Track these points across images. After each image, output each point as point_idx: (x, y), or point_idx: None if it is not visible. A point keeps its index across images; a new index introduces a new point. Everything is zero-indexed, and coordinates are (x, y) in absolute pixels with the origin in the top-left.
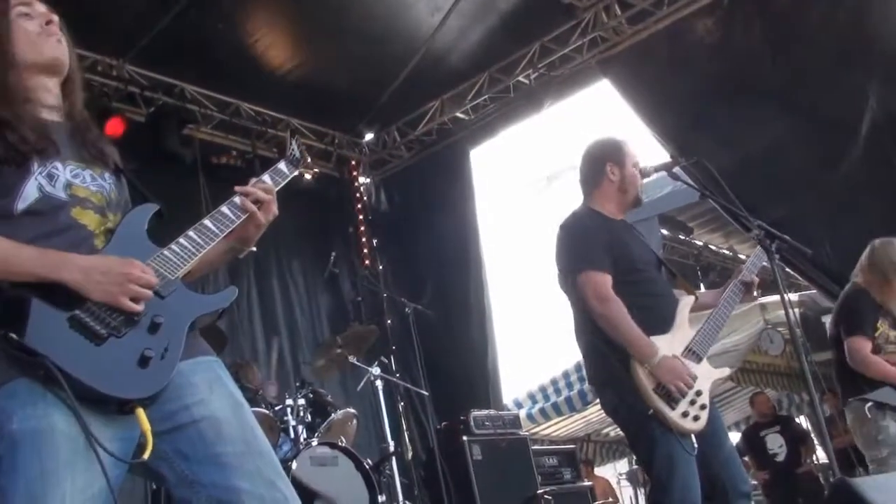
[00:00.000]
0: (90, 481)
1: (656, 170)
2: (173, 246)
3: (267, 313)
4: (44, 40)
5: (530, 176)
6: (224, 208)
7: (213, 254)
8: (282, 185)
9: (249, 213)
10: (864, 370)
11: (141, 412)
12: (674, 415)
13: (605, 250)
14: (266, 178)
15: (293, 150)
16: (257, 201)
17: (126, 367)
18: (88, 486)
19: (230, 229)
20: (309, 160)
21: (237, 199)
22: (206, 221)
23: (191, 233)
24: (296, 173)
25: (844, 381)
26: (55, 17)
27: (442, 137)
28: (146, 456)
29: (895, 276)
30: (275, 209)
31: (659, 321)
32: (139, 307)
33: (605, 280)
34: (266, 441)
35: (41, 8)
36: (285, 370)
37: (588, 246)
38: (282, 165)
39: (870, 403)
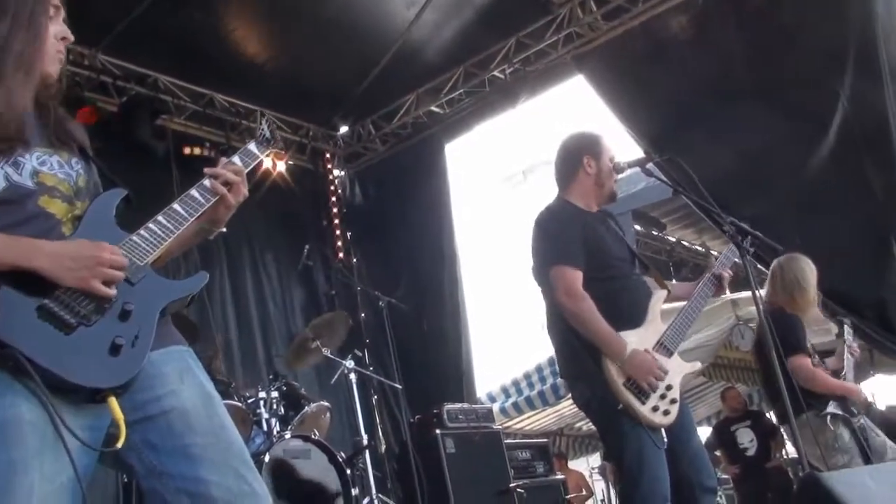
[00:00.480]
0: (58, 471)
1: (630, 165)
2: (142, 231)
3: (240, 306)
4: (55, 61)
5: (506, 170)
6: (194, 191)
7: (183, 235)
8: (252, 165)
9: (220, 196)
10: (811, 386)
11: (113, 401)
12: (644, 409)
13: (579, 245)
14: (236, 159)
15: (263, 130)
16: (227, 183)
17: (97, 356)
18: (57, 476)
19: (200, 213)
20: (279, 141)
21: (207, 182)
22: (176, 206)
23: (160, 217)
24: (267, 154)
25: (784, 399)
26: (70, 36)
27: (417, 131)
28: (120, 444)
29: (798, 292)
30: (245, 190)
31: (632, 315)
32: (112, 291)
33: (577, 276)
34: (236, 433)
35: (62, 14)
36: (258, 363)
37: (562, 240)
38: (252, 146)
39: (829, 415)
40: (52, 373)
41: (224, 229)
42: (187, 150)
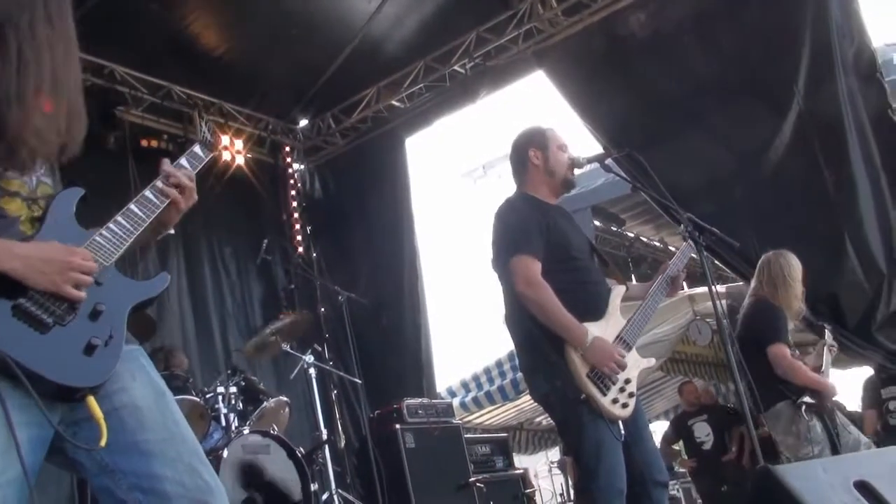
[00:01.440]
0: (5, 466)
1: (589, 161)
2: (104, 232)
3: (197, 300)
4: None
5: (466, 165)
6: (148, 193)
7: (139, 235)
8: (199, 168)
9: (171, 199)
10: (791, 376)
11: (92, 400)
12: (605, 401)
13: (538, 235)
14: (183, 161)
15: (204, 132)
16: (179, 186)
17: (72, 356)
18: (3, 472)
19: (156, 213)
20: (217, 145)
21: (159, 183)
22: (133, 206)
23: (119, 218)
24: (210, 156)
25: (762, 389)
26: None
27: (377, 125)
28: (103, 443)
29: (782, 284)
30: (195, 195)
31: (592, 308)
32: (83, 294)
33: (535, 265)
34: (189, 429)
35: None
36: (216, 357)
37: (521, 230)
38: (197, 149)
39: (804, 405)
40: (32, 371)
41: (172, 231)
42: (144, 143)
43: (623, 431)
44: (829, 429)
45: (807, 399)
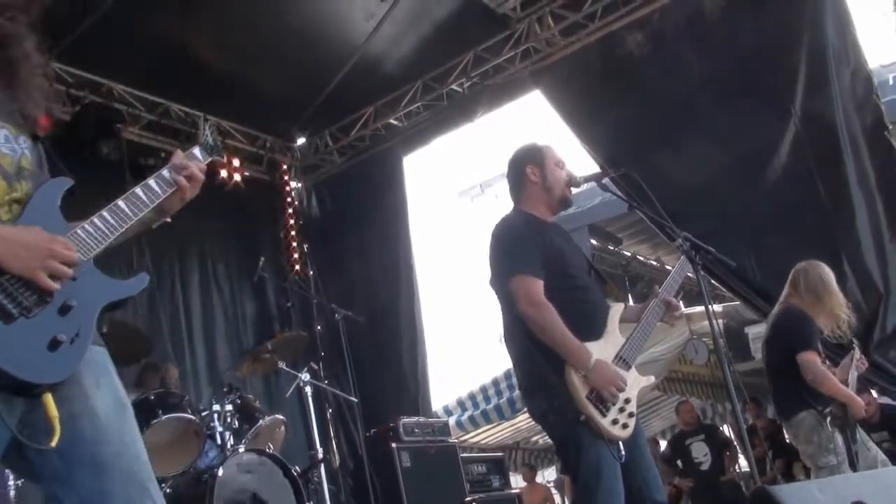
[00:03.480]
0: None
1: (586, 180)
2: (87, 226)
3: (191, 317)
4: None
5: (463, 184)
6: (151, 182)
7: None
8: None
9: (179, 187)
10: (819, 385)
11: (49, 397)
12: (605, 422)
13: (537, 254)
14: (196, 152)
15: (206, 136)
16: (190, 177)
17: (35, 350)
18: None
19: (145, 211)
20: (222, 149)
21: (166, 173)
22: (121, 203)
23: (105, 213)
24: (209, 160)
25: (787, 397)
26: None
27: (375, 144)
28: (53, 443)
29: (825, 294)
30: (198, 189)
31: (591, 327)
32: (56, 285)
33: (538, 285)
34: (143, 446)
35: None
36: (209, 375)
37: (520, 249)
38: (196, 151)
39: (830, 415)
40: None
41: (169, 220)
42: (142, 160)
43: (623, 452)
44: (848, 443)
45: (833, 410)
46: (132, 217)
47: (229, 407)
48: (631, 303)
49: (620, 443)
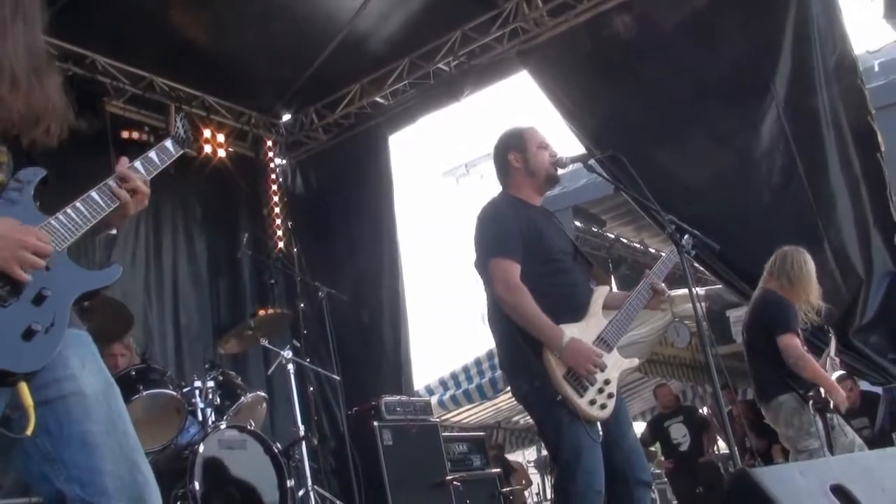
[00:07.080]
0: None
1: (572, 161)
2: (60, 216)
3: (175, 293)
4: None
5: (449, 163)
6: (111, 182)
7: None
8: (167, 163)
9: (121, 202)
10: (800, 368)
11: (24, 386)
12: (582, 402)
13: (517, 237)
14: (153, 154)
15: (178, 128)
16: (133, 190)
17: (10, 339)
18: None
19: (116, 204)
20: (193, 141)
21: (112, 183)
22: (94, 194)
23: (78, 204)
24: (181, 153)
25: (767, 380)
26: None
27: (360, 122)
28: (29, 432)
29: (799, 280)
30: (146, 201)
31: (573, 309)
32: (29, 277)
33: (514, 268)
34: (130, 423)
35: None
36: (190, 351)
37: (500, 233)
38: (168, 144)
39: (811, 399)
40: None
41: (114, 232)
42: (125, 135)
43: (601, 433)
44: (827, 427)
45: (814, 394)
46: (104, 208)
47: (211, 383)
48: (614, 285)
49: (599, 424)
